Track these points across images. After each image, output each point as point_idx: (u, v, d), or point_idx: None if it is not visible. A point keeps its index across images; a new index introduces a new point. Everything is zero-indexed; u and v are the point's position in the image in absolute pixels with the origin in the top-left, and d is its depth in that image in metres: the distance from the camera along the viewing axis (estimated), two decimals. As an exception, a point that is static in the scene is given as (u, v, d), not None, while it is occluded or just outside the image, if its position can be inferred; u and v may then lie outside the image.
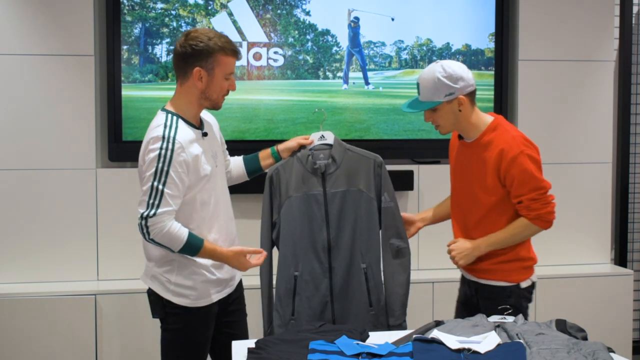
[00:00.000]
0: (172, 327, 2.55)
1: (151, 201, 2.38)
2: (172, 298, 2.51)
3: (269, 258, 2.77)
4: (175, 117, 2.45)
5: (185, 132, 2.43)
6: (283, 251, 2.77)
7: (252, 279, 2.98)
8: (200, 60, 2.44)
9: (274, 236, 2.78)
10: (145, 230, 2.40)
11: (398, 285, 2.80)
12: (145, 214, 2.38)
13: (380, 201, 2.77)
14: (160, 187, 2.37)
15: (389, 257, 2.78)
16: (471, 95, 2.57)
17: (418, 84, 2.58)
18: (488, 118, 2.62)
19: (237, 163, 2.85)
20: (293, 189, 2.74)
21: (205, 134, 2.55)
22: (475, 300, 2.71)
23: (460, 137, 2.70)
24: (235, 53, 2.49)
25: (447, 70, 2.51)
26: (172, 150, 2.37)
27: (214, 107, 2.54)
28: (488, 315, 2.30)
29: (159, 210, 2.37)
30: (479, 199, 2.61)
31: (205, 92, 2.48)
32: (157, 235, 2.38)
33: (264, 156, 2.84)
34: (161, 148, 2.37)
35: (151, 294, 2.57)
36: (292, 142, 2.80)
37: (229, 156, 2.85)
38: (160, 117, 2.47)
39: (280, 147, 2.82)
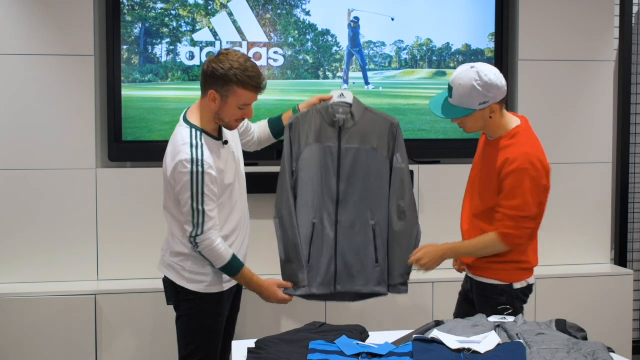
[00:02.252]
0: (185, 313, 2.68)
1: (195, 221, 2.54)
2: (186, 285, 2.65)
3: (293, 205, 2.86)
4: (199, 133, 2.56)
5: (209, 151, 2.56)
6: (303, 198, 2.84)
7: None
8: (217, 85, 2.54)
9: (292, 184, 2.84)
10: (195, 245, 2.58)
11: (398, 246, 2.84)
12: (194, 233, 2.55)
13: (392, 162, 2.84)
14: (200, 207, 2.52)
15: (394, 217, 2.85)
16: (502, 101, 2.57)
17: (451, 87, 2.55)
18: (513, 122, 2.61)
19: (262, 127, 3.01)
20: (312, 138, 2.83)
21: (225, 142, 2.67)
22: (471, 296, 2.76)
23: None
24: (255, 88, 2.56)
25: (483, 78, 2.48)
26: (203, 172, 2.51)
27: (227, 128, 2.70)
28: (482, 312, 2.31)
29: (205, 228, 2.54)
30: (478, 197, 2.66)
31: (218, 114, 2.59)
32: (205, 250, 2.57)
33: (287, 116, 2.97)
34: (192, 172, 2.50)
35: (166, 281, 2.71)
36: (314, 99, 2.94)
37: (252, 126, 2.99)
38: (185, 133, 2.56)
39: (302, 104, 2.97)
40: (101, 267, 3.69)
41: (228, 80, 2.50)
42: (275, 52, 3.82)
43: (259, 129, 3.01)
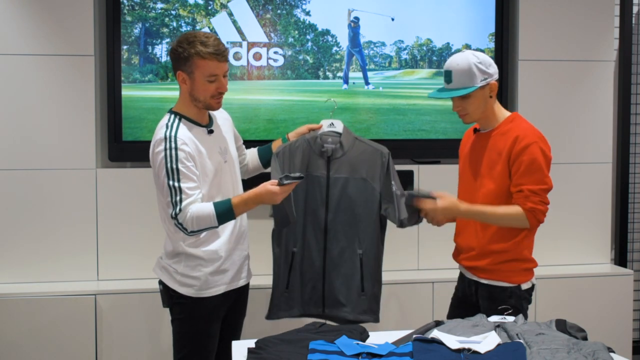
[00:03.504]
0: (177, 316, 2.67)
1: (173, 200, 2.47)
2: (178, 288, 2.62)
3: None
4: (176, 117, 2.57)
5: (185, 130, 2.53)
6: (285, 230, 2.85)
7: (254, 279, 2.99)
8: (180, 65, 2.56)
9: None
10: (182, 228, 2.48)
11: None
12: (174, 213, 2.47)
13: (386, 191, 2.83)
14: (176, 184, 2.46)
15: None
16: (497, 83, 2.64)
17: (450, 72, 2.60)
18: (507, 112, 2.70)
19: (252, 155, 2.97)
20: (298, 168, 2.81)
21: (211, 131, 2.62)
22: (474, 299, 2.72)
23: (475, 130, 2.75)
24: (214, 56, 2.54)
25: (479, 57, 2.59)
26: (176, 147, 2.47)
27: (207, 108, 2.63)
28: (488, 315, 2.30)
29: (183, 204, 2.45)
30: (484, 185, 2.62)
31: (192, 94, 2.58)
32: (191, 224, 2.47)
33: (277, 144, 2.95)
34: (165, 149, 2.47)
35: (161, 283, 2.69)
36: (303, 128, 2.93)
37: (245, 150, 2.96)
38: (164, 118, 2.60)
39: (291, 133, 2.95)
40: (101, 267, 3.69)
41: (188, 56, 2.52)
42: (275, 52, 3.82)
43: (250, 156, 2.98)
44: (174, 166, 2.46)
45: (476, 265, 2.67)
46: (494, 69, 2.61)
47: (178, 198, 2.45)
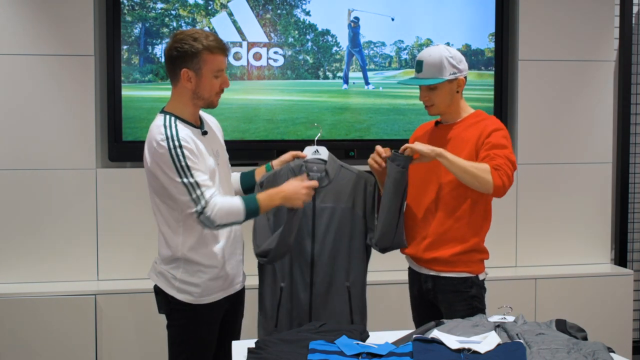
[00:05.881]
0: (176, 323, 2.59)
1: (194, 196, 2.41)
2: (176, 294, 2.54)
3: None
4: (172, 118, 2.50)
5: (184, 129, 2.48)
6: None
7: (247, 280, 2.97)
8: (187, 61, 2.49)
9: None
10: (208, 222, 2.43)
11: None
12: (200, 208, 2.41)
13: (374, 219, 2.71)
14: (191, 179, 2.41)
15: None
16: (465, 80, 2.68)
17: (421, 62, 2.64)
18: (471, 108, 2.74)
19: (234, 179, 2.86)
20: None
21: (205, 132, 2.58)
22: (431, 295, 2.69)
23: (437, 123, 2.76)
24: (221, 50, 2.53)
25: (451, 51, 2.65)
26: (180, 146, 2.42)
27: (209, 105, 2.58)
28: (452, 309, 2.30)
29: (207, 197, 2.41)
30: (444, 175, 2.59)
31: (196, 92, 2.52)
32: (220, 217, 2.42)
33: (260, 172, 2.85)
34: (170, 148, 2.41)
35: (157, 289, 2.60)
36: (287, 156, 2.82)
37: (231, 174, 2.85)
38: (159, 120, 2.52)
39: (275, 161, 2.84)
40: (101, 267, 3.69)
41: (196, 52, 2.47)
42: (275, 52, 3.82)
43: (233, 179, 2.87)
44: (183, 163, 2.41)
45: (434, 257, 2.64)
46: (464, 66, 2.65)
47: (199, 192, 2.40)
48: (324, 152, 2.75)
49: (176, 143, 2.42)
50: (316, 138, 2.78)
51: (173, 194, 2.44)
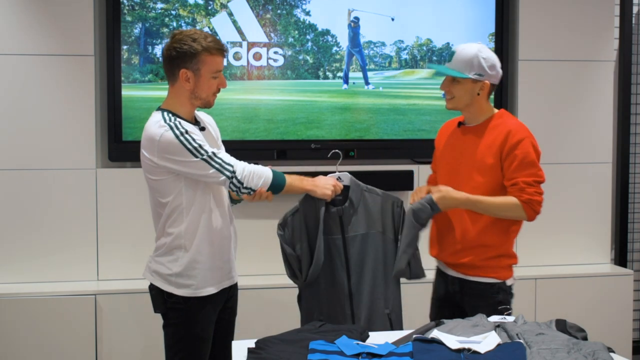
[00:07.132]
0: (173, 321, 2.59)
1: (219, 166, 2.46)
2: (174, 290, 2.55)
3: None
4: (169, 113, 2.52)
5: (184, 122, 2.51)
6: (307, 296, 2.67)
7: (246, 279, 2.97)
8: (185, 62, 2.51)
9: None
10: (242, 189, 2.48)
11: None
12: (230, 174, 2.46)
13: (399, 240, 2.65)
14: (210, 153, 2.46)
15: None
16: (493, 87, 2.64)
17: (454, 52, 2.62)
18: (495, 109, 2.70)
19: None
20: (313, 232, 2.61)
21: (202, 129, 2.61)
22: (457, 298, 2.68)
23: (459, 124, 2.73)
24: (220, 51, 2.55)
25: (487, 53, 2.60)
26: (185, 129, 2.46)
27: (206, 105, 2.61)
28: (476, 313, 2.29)
29: (232, 161, 2.48)
30: (472, 179, 2.59)
31: (194, 92, 2.55)
32: (250, 179, 2.47)
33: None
34: (177, 135, 2.44)
35: (152, 289, 2.61)
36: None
37: None
38: (156, 116, 2.54)
39: None
40: (101, 267, 3.69)
41: (195, 52, 2.49)
42: (275, 52, 3.82)
43: None
44: (195, 144, 2.44)
45: (462, 262, 2.64)
46: (495, 72, 2.60)
47: (222, 161, 2.45)
48: (345, 178, 2.67)
49: (182, 130, 2.45)
50: (337, 164, 2.69)
51: (195, 173, 2.47)
